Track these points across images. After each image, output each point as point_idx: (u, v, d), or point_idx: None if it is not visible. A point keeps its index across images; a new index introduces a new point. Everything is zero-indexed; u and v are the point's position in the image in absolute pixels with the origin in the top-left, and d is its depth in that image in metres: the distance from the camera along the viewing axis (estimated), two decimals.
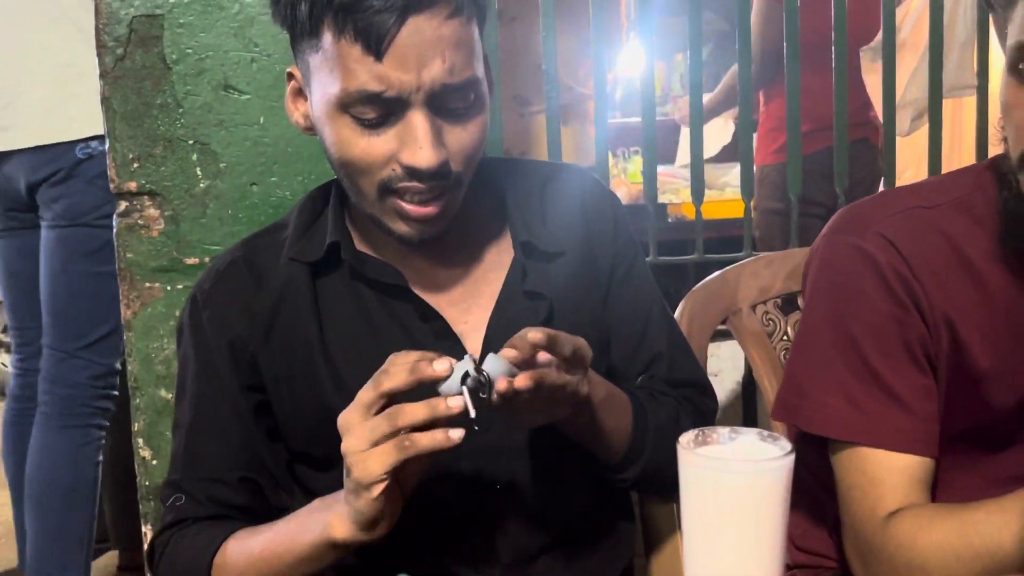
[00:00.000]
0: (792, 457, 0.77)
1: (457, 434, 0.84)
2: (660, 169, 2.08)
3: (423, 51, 0.93)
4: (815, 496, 1.22)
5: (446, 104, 0.97)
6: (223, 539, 1.03)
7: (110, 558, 2.75)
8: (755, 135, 2.85)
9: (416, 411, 0.85)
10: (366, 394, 0.87)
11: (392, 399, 0.87)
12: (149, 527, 1.49)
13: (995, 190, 1.07)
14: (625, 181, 3.39)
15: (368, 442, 0.85)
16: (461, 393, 0.85)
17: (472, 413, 0.84)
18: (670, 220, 3.01)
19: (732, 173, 3.16)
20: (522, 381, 0.85)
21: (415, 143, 0.95)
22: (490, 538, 1.08)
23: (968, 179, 1.13)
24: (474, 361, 0.86)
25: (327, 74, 0.97)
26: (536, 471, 1.09)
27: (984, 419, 1.11)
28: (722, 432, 0.81)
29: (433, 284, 1.10)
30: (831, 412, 1.10)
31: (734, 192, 2.69)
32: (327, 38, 0.95)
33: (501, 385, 0.85)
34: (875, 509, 1.06)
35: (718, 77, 3.13)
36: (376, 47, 0.92)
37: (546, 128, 1.96)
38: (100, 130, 1.46)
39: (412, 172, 0.96)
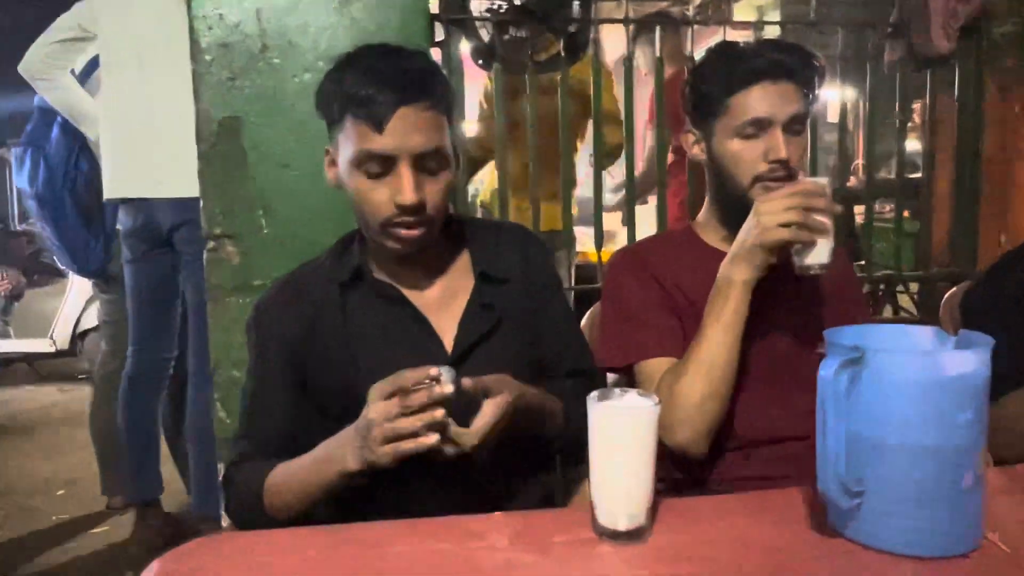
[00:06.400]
0: (659, 407, 0.80)
1: (432, 438, 0.88)
2: (577, 228, 2.10)
3: (408, 128, 0.98)
4: None
5: (424, 164, 1.00)
6: (271, 468, 1.02)
7: None
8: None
9: (418, 397, 0.87)
10: (386, 386, 0.89)
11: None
12: (222, 465, 1.46)
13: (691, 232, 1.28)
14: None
15: (385, 417, 0.88)
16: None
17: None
18: (579, 262, 3.03)
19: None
20: (467, 383, 0.90)
21: (402, 188, 0.98)
22: (455, 480, 1.04)
23: (679, 230, 1.33)
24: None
25: (348, 144, 1.00)
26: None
27: None
28: (616, 391, 0.83)
29: (421, 300, 1.10)
30: (613, 350, 1.20)
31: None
32: (348, 121, 0.99)
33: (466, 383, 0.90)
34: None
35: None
36: (378, 125, 0.97)
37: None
38: None
39: (401, 208, 0.99)
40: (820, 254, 1.07)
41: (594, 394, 0.81)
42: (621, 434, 0.78)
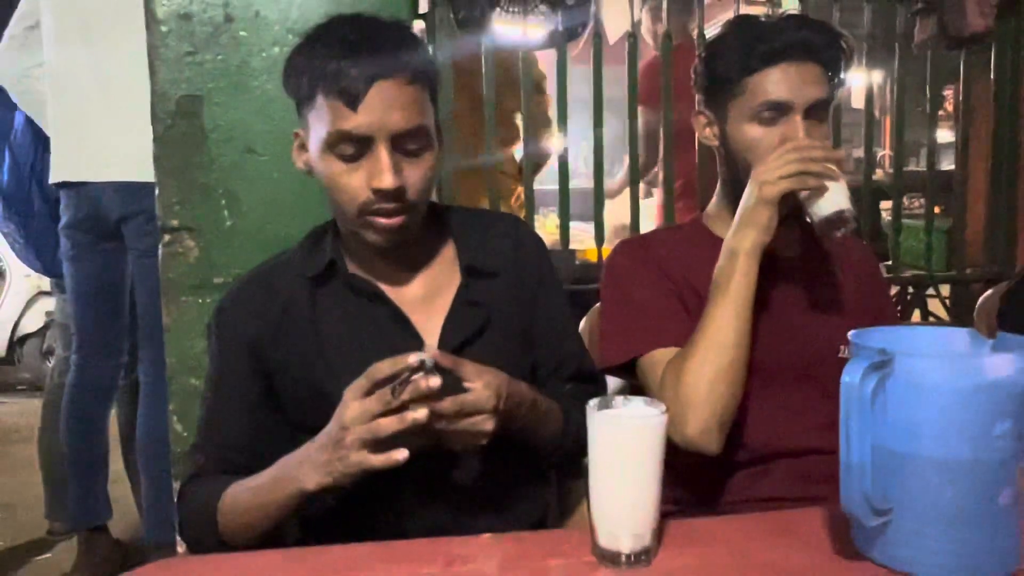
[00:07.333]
0: (667, 416, 0.80)
1: (421, 413, 0.86)
2: (575, 224, 2.13)
3: (386, 105, 0.98)
4: None
5: (404, 144, 1.00)
6: (227, 486, 1.02)
7: None
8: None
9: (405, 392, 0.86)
10: (363, 382, 0.89)
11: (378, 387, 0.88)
12: (178, 483, 1.46)
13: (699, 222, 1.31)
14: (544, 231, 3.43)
15: (365, 415, 0.87)
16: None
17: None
18: (578, 262, 3.03)
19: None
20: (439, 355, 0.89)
21: (380, 171, 0.99)
22: (438, 492, 1.06)
23: (688, 222, 1.35)
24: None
25: (319, 124, 1.01)
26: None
27: None
28: (618, 399, 0.84)
29: (402, 296, 1.10)
30: (614, 345, 1.21)
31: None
32: (320, 99, 1.00)
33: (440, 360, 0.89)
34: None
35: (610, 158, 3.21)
36: (352, 102, 0.97)
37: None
38: None
39: (379, 193, 0.99)
40: (836, 199, 1.08)
41: (594, 402, 0.81)
42: (625, 446, 0.79)
